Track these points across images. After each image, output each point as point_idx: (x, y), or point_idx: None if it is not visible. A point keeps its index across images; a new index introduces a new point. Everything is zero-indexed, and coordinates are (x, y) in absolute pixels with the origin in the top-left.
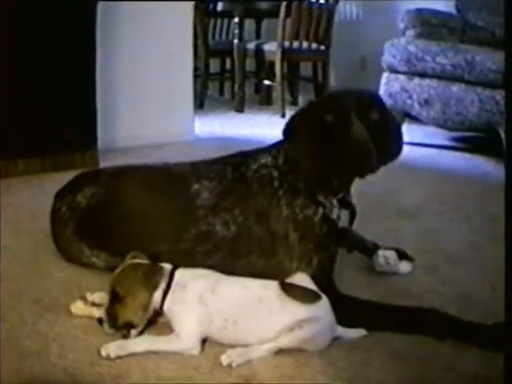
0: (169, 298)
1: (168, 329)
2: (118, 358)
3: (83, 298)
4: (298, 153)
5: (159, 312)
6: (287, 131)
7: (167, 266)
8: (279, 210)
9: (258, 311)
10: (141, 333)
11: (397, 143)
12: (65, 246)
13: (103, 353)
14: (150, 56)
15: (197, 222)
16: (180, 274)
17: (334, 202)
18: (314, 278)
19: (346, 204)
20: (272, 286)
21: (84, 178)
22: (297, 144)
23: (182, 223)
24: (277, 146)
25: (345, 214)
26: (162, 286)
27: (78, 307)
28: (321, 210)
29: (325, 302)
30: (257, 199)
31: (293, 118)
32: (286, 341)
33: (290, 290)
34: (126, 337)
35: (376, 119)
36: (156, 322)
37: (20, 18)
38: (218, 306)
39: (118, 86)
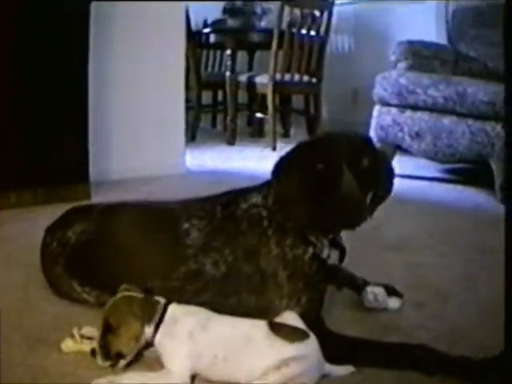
0: (160, 331)
1: (158, 363)
2: None
3: (72, 336)
4: (286, 197)
5: (150, 344)
6: (276, 172)
7: (161, 300)
8: (268, 249)
9: (247, 349)
10: (129, 364)
11: (388, 187)
12: (55, 281)
13: None
14: (143, 88)
15: (186, 261)
16: (173, 309)
17: (325, 242)
18: (302, 316)
19: (335, 244)
20: (260, 325)
21: (75, 214)
22: (286, 189)
23: (172, 262)
24: (267, 184)
25: (335, 253)
26: (156, 318)
27: (68, 345)
28: (311, 250)
29: (313, 340)
30: (246, 238)
31: (282, 160)
32: (273, 379)
33: (279, 330)
34: (113, 365)
35: (367, 166)
36: (142, 355)
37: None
38: (207, 343)
39: (110, 118)
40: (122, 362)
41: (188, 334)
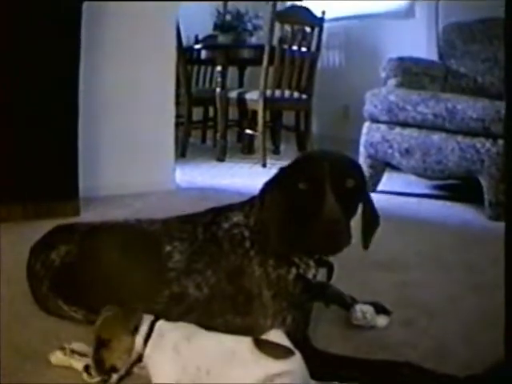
0: (149, 345)
1: (147, 380)
2: None
3: (62, 349)
4: (267, 219)
5: (141, 358)
6: (261, 192)
7: (149, 316)
8: (252, 270)
9: (231, 363)
10: (121, 379)
11: (373, 213)
12: (42, 300)
13: None
14: (133, 104)
15: (169, 284)
16: (160, 324)
17: (310, 262)
18: (288, 335)
19: (323, 262)
20: (246, 341)
21: (57, 235)
22: (267, 210)
23: (155, 285)
24: (249, 202)
25: (322, 270)
26: (143, 331)
27: (57, 357)
28: (294, 270)
29: (298, 357)
30: (229, 259)
31: (267, 183)
32: None
33: (264, 346)
34: (106, 381)
35: (352, 187)
36: (132, 371)
37: None
38: (191, 355)
39: (99, 134)
40: (115, 377)
41: (173, 346)
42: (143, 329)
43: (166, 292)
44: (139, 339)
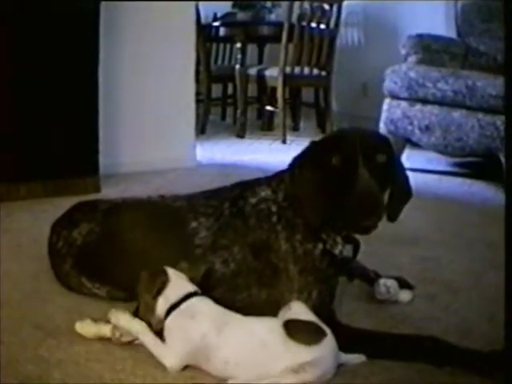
0: (174, 316)
1: None
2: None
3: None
4: (298, 194)
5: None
6: (290, 167)
7: (188, 286)
8: (278, 245)
9: (262, 355)
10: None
11: (405, 186)
12: (64, 277)
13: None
14: (153, 81)
15: (196, 261)
16: (196, 301)
17: (338, 238)
18: (314, 309)
19: (349, 238)
20: (277, 329)
21: (79, 213)
22: (298, 185)
23: (181, 261)
24: (277, 177)
25: (348, 247)
26: (167, 293)
27: (84, 327)
28: (320, 246)
29: (329, 338)
30: (255, 235)
31: (296, 158)
32: (289, 381)
33: (295, 332)
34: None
35: (383, 162)
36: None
37: (20, 49)
38: (218, 348)
39: (120, 111)
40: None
41: (201, 336)
42: (170, 295)
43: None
44: (161, 304)
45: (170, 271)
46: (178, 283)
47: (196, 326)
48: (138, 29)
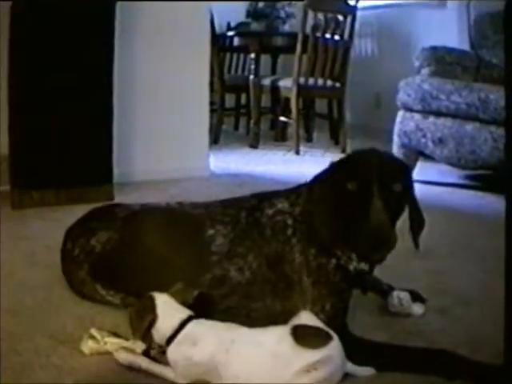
0: (174, 348)
1: None
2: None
3: (91, 337)
4: (314, 211)
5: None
6: (311, 184)
7: (181, 315)
8: (292, 257)
9: (273, 365)
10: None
11: (418, 215)
12: (78, 284)
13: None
14: (167, 91)
15: (212, 267)
16: (192, 327)
17: (352, 256)
18: (327, 321)
19: (364, 258)
20: (285, 337)
21: (96, 220)
22: (315, 202)
23: (197, 268)
24: (295, 190)
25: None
26: (158, 327)
27: (88, 346)
28: (334, 261)
29: (335, 341)
30: (270, 246)
31: (316, 177)
32: (303, 381)
33: (303, 337)
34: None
35: (399, 191)
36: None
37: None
38: (229, 366)
39: (134, 120)
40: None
41: (209, 358)
42: (162, 328)
43: (208, 275)
44: (157, 336)
45: (159, 301)
46: (167, 315)
47: (200, 351)
48: (153, 39)
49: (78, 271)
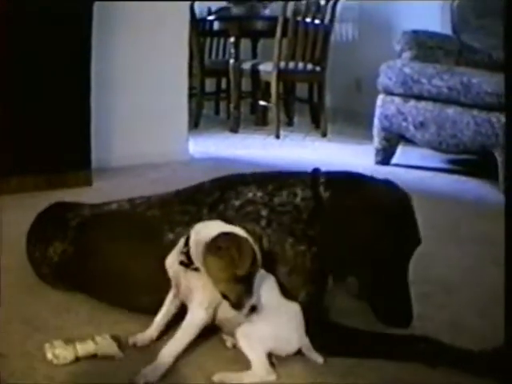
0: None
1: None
2: None
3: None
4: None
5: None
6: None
7: None
8: (267, 249)
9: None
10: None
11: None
12: (45, 281)
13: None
14: (145, 75)
15: None
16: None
17: None
18: (303, 309)
19: None
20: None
21: (51, 227)
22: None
23: (160, 275)
24: (276, 178)
25: None
26: None
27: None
28: (314, 248)
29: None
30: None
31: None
32: None
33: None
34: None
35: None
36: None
37: (15, 43)
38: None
39: (112, 105)
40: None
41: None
42: None
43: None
44: None
45: None
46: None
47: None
48: (131, 23)
49: (43, 273)
